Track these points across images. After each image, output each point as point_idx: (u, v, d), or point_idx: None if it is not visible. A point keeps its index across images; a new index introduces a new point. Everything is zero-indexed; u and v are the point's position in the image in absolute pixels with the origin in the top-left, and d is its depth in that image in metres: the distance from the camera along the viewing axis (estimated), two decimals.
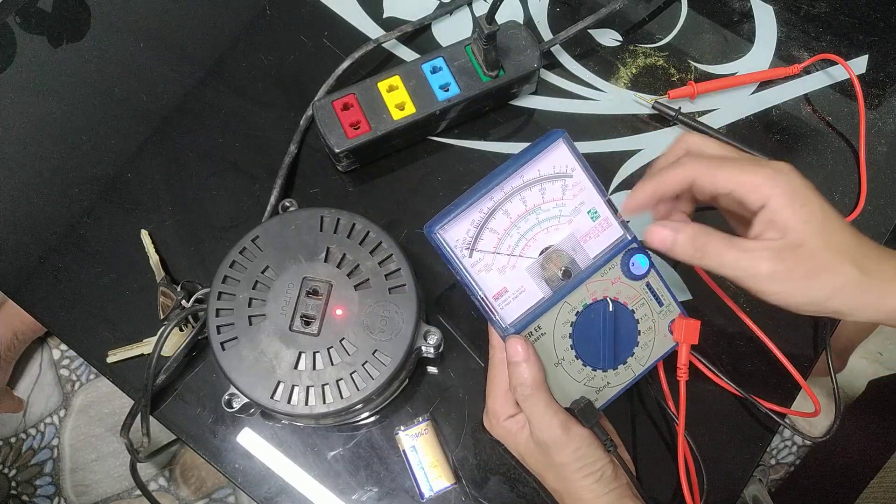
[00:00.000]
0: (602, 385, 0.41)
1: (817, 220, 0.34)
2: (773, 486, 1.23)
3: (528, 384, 0.38)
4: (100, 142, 0.55)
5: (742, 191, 0.34)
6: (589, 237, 0.41)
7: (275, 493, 0.46)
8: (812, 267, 0.34)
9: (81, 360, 1.27)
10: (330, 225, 0.44)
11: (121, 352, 0.48)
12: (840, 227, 0.34)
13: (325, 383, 0.41)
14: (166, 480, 1.21)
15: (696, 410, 0.44)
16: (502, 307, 0.40)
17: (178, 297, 0.48)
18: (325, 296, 0.42)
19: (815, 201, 0.34)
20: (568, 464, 0.39)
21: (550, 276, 0.40)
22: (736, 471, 0.47)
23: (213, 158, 0.54)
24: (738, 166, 0.35)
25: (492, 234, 0.39)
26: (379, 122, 0.50)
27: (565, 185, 0.40)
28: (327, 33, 0.58)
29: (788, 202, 0.33)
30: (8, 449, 1.23)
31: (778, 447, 1.25)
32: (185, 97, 0.56)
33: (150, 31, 0.58)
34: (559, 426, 0.38)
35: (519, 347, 0.38)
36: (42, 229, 0.52)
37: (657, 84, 0.57)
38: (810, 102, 0.57)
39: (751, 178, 0.34)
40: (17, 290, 0.51)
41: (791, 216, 0.33)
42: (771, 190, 0.34)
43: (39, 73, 0.57)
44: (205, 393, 0.48)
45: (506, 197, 0.39)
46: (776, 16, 0.59)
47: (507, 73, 0.51)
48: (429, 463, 0.45)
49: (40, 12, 0.59)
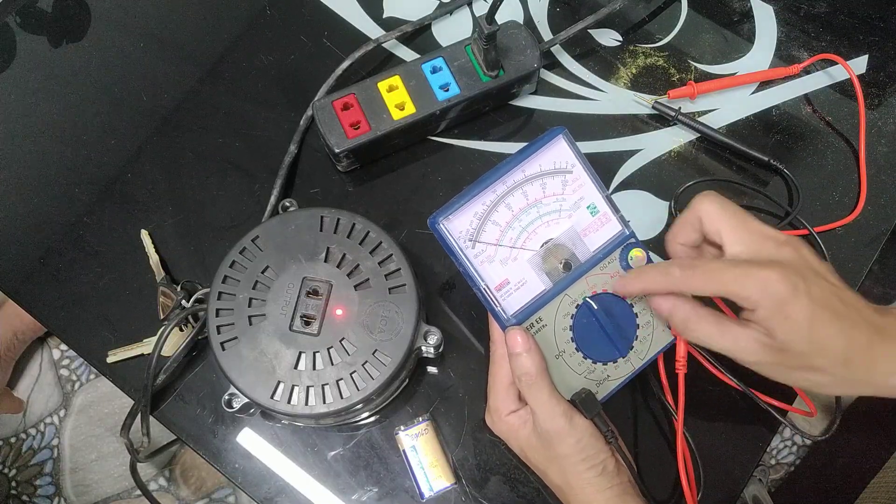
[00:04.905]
0: (602, 378, 0.42)
1: (803, 328, 0.34)
2: (773, 486, 1.23)
3: (531, 373, 0.39)
4: (100, 142, 0.55)
5: (730, 297, 0.35)
6: (588, 231, 0.42)
7: (275, 493, 0.46)
8: (797, 365, 0.35)
9: (81, 360, 1.27)
10: (330, 225, 0.44)
11: (121, 352, 0.48)
12: (829, 325, 0.34)
13: (325, 383, 0.41)
14: (166, 480, 1.21)
15: (697, 410, 0.44)
16: (504, 298, 0.40)
17: (178, 297, 0.48)
18: (325, 296, 0.42)
19: (799, 309, 0.34)
20: (570, 455, 0.39)
21: (551, 269, 0.41)
22: (736, 470, 0.47)
23: (213, 158, 0.54)
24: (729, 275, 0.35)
25: (494, 227, 0.40)
26: (379, 122, 0.50)
27: (565, 181, 0.41)
28: (327, 33, 0.58)
29: (773, 314, 0.34)
30: (8, 449, 1.23)
31: (778, 447, 1.25)
32: (185, 97, 0.56)
33: (150, 31, 0.58)
34: (562, 414, 0.39)
35: (518, 338, 0.39)
36: (42, 229, 0.52)
37: (657, 84, 0.57)
38: (810, 102, 0.57)
39: (737, 291, 0.34)
40: (17, 290, 0.51)
41: (776, 326, 0.34)
42: (755, 303, 0.34)
43: (39, 73, 0.57)
44: (205, 393, 0.48)
45: (508, 190, 0.40)
46: (776, 16, 0.59)
47: (507, 73, 0.51)
48: (429, 463, 0.45)
49: (40, 12, 0.59)
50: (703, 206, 0.38)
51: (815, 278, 0.35)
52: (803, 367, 0.35)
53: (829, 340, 0.34)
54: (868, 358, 0.34)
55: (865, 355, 0.34)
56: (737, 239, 0.37)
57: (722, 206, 0.37)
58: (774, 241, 0.36)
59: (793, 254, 0.36)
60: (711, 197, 0.38)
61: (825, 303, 0.34)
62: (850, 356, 0.34)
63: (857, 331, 0.35)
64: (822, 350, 0.34)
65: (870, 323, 0.35)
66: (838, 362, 0.34)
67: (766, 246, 0.36)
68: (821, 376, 0.35)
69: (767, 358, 0.35)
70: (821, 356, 0.34)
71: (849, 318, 0.35)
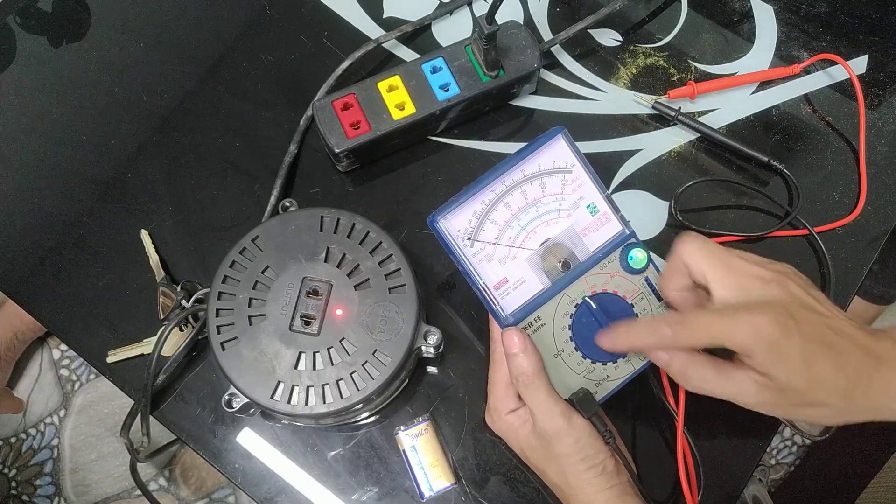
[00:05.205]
0: (601, 378, 0.42)
1: (799, 367, 0.34)
2: (773, 486, 1.23)
3: (528, 373, 0.39)
4: (100, 142, 0.55)
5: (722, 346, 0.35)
6: (588, 231, 0.42)
7: (275, 493, 0.46)
8: (796, 402, 0.35)
9: (81, 360, 1.27)
10: (330, 225, 0.44)
11: (121, 352, 0.48)
12: (824, 361, 0.34)
13: (325, 383, 0.41)
14: (166, 480, 1.21)
15: (697, 410, 0.44)
16: (502, 297, 0.40)
17: (178, 297, 0.48)
18: (325, 296, 0.42)
19: (793, 350, 0.33)
20: (569, 455, 0.39)
21: (550, 268, 0.41)
22: (736, 471, 0.47)
23: (213, 158, 0.54)
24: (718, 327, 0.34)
25: (493, 226, 0.40)
26: (379, 122, 0.50)
27: (564, 180, 0.41)
28: (327, 33, 0.58)
29: (768, 357, 0.34)
30: (8, 449, 1.23)
31: (778, 447, 1.25)
32: (185, 97, 0.56)
33: (150, 31, 0.58)
34: (560, 414, 0.39)
35: (515, 338, 0.39)
36: (42, 229, 0.52)
37: (657, 84, 0.57)
38: (810, 102, 0.57)
39: (729, 340, 0.34)
40: (17, 290, 0.51)
41: (772, 368, 0.34)
42: (749, 350, 0.34)
43: (39, 73, 0.57)
44: (205, 393, 0.48)
45: (507, 190, 0.40)
46: (776, 16, 0.59)
47: (507, 73, 0.51)
48: (429, 463, 0.45)
49: (40, 12, 0.59)
50: (686, 251, 0.37)
51: (806, 313, 0.35)
52: (804, 403, 0.35)
53: (827, 375, 0.34)
54: (866, 387, 0.34)
55: (864, 385, 0.34)
56: (722, 283, 0.36)
57: (704, 249, 0.37)
58: (761, 280, 0.36)
59: (780, 292, 0.35)
60: (692, 239, 0.37)
61: (818, 338, 0.34)
62: (849, 388, 0.34)
63: (853, 361, 0.34)
64: (821, 385, 0.34)
65: (865, 350, 0.35)
66: (838, 395, 0.34)
67: (753, 286, 0.35)
68: (823, 410, 0.35)
69: (768, 398, 0.35)
70: (820, 391, 0.34)
71: (843, 350, 0.34)
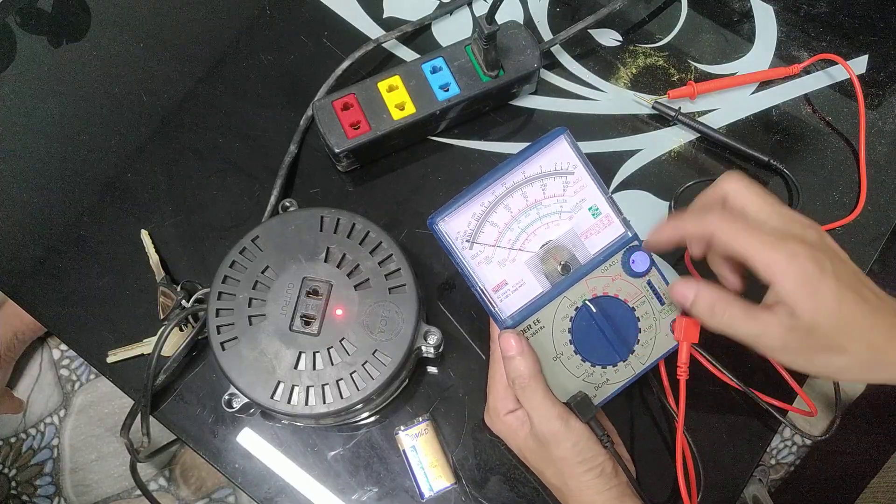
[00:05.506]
0: (601, 382, 0.42)
1: (828, 306, 0.34)
2: (773, 486, 1.23)
3: (525, 376, 0.39)
4: (100, 142, 0.55)
5: (754, 265, 0.35)
6: (590, 233, 0.41)
7: (275, 493, 0.46)
8: (823, 346, 0.34)
9: (81, 360, 1.27)
10: (330, 225, 0.44)
11: (121, 352, 0.48)
12: (854, 306, 0.34)
13: (325, 383, 0.41)
14: (166, 480, 1.21)
15: (697, 410, 0.44)
16: (501, 299, 0.40)
17: (178, 297, 0.48)
18: (325, 296, 0.42)
19: (827, 288, 0.33)
20: (567, 457, 0.39)
21: (550, 271, 0.41)
22: (736, 471, 0.47)
23: (213, 158, 0.54)
24: (758, 239, 0.34)
25: (492, 228, 0.40)
26: (379, 122, 0.50)
27: (566, 182, 0.41)
28: (327, 33, 0.58)
29: (796, 289, 0.34)
30: (8, 449, 1.23)
31: (778, 447, 1.25)
32: (185, 97, 0.56)
33: (150, 31, 0.58)
34: (557, 417, 0.39)
35: (512, 341, 0.39)
36: (42, 229, 0.52)
37: (657, 84, 0.57)
38: (810, 102, 0.57)
39: (764, 259, 0.34)
40: (17, 290, 0.51)
41: (799, 302, 0.34)
42: (782, 275, 0.34)
43: (39, 73, 0.57)
44: (205, 393, 0.48)
45: (507, 192, 0.40)
46: (776, 16, 0.59)
47: (507, 73, 0.51)
48: (429, 463, 0.45)
49: (40, 12, 0.59)
50: (730, 185, 0.37)
51: (842, 265, 0.35)
52: (828, 347, 0.34)
53: (856, 320, 0.34)
54: (891, 342, 0.34)
55: (889, 339, 0.34)
56: (765, 211, 0.36)
57: (749, 184, 0.37)
58: (800, 223, 0.36)
59: (818, 237, 0.36)
60: (738, 175, 0.37)
61: (850, 285, 0.34)
62: (875, 339, 0.34)
63: (881, 315, 0.35)
64: (849, 329, 0.34)
65: (893, 310, 0.35)
66: (863, 344, 0.34)
67: (793, 226, 0.36)
68: (845, 359, 0.35)
69: (792, 341, 0.35)
70: (846, 336, 0.34)
71: (873, 303, 0.35)
